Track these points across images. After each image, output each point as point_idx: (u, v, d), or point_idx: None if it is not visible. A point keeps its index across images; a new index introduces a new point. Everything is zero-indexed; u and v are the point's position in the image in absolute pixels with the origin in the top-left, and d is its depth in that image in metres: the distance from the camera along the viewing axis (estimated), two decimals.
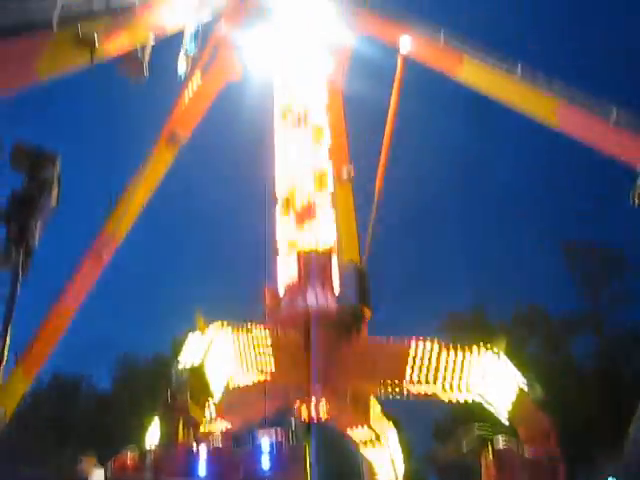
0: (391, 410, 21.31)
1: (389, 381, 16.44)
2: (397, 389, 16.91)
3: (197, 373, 13.95)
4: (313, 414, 16.44)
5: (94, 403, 49.32)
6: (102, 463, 16.77)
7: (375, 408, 18.52)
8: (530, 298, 47.11)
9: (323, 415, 16.65)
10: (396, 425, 31.85)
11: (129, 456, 14.14)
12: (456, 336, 45.46)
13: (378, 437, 18.35)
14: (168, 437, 13.18)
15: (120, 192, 21.97)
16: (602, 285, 44.89)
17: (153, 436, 15.13)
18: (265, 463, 12.15)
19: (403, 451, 40.61)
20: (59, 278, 20.83)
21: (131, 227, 21.36)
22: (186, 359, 14.43)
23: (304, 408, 16.52)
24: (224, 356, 14.66)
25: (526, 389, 15.82)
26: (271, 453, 12.59)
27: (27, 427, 43.77)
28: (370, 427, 18.18)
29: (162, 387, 16.68)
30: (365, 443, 18.60)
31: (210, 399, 14.40)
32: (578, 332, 45.41)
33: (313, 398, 16.35)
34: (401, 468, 18.62)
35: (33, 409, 45.14)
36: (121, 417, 34.34)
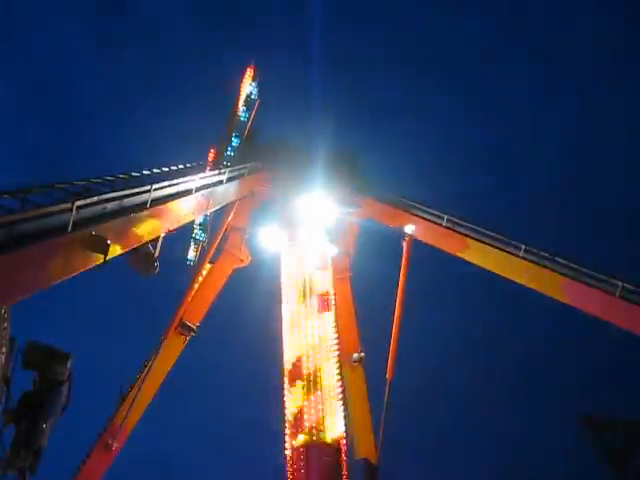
0: None
1: None
2: None
3: None
4: None
5: None
6: None
7: None
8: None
9: None
10: None
11: None
12: None
13: None
14: None
15: (130, 382, 22.05)
16: (626, 459, 43.61)
17: None
18: None
19: None
20: (68, 470, 20.51)
21: (140, 417, 21.24)
22: None
23: None
24: None
25: None
26: None
27: None
28: None
29: None
30: None
31: None
32: None
33: None
34: None
35: None
36: None
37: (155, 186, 14.26)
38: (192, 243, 26.76)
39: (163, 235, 14.67)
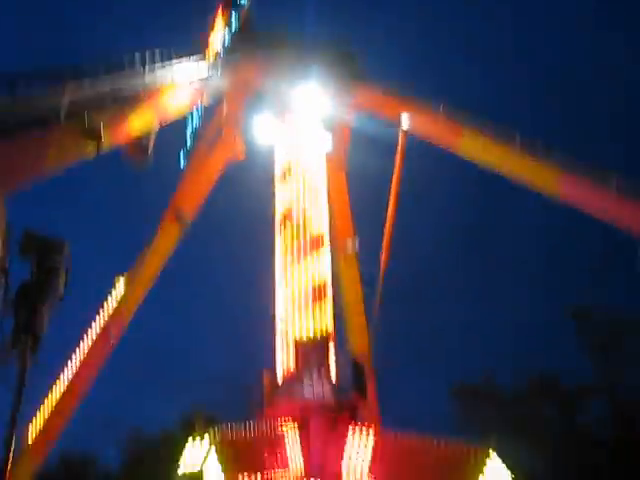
0: None
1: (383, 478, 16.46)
2: None
3: None
4: None
5: None
6: None
7: None
8: (541, 364, 46.97)
9: None
10: None
11: None
12: (466, 404, 45.50)
13: None
14: None
15: (128, 271, 22.23)
16: (613, 349, 44.77)
17: None
18: None
19: None
20: (67, 358, 20.93)
21: (139, 305, 21.53)
22: (185, 467, 14.63)
23: None
24: (221, 461, 14.83)
25: None
26: None
27: None
28: None
29: (170, 464, 16.71)
30: None
31: None
32: (591, 398, 45.14)
33: None
34: None
35: None
36: None
37: (148, 72, 14.00)
38: (184, 150, 26.31)
39: (157, 129, 14.50)
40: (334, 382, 17.19)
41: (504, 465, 16.14)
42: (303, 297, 18.77)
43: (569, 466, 41.01)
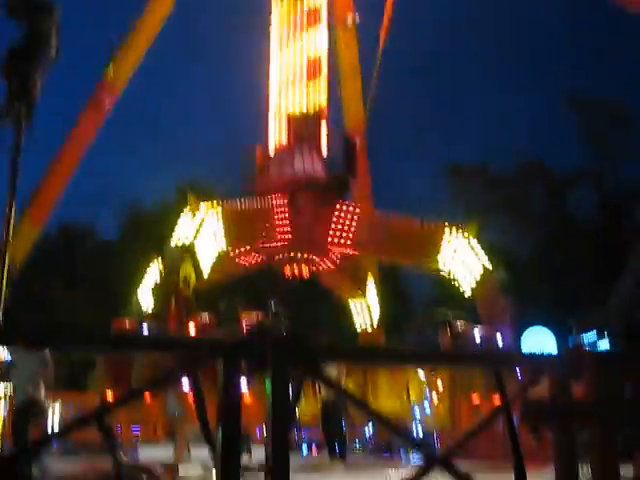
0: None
1: (365, 248, 16.91)
2: (373, 256, 17.47)
3: (188, 254, 14.43)
4: (296, 272, 17.06)
5: (102, 251, 50.43)
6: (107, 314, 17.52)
7: (361, 269, 19.10)
8: (533, 150, 47.31)
9: (305, 274, 17.25)
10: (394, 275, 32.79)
11: (127, 321, 14.91)
12: (458, 186, 46.30)
13: (359, 290, 19.08)
14: (161, 311, 13.82)
15: (120, 38, 21.66)
16: (606, 139, 44.91)
17: (146, 302, 15.85)
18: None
19: (402, 299, 41.80)
20: (62, 128, 20.94)
21: (133, 73, 21.15)
22: (177, 240, 14.88)
23: (287, 267, 17.09)
24: (214, 235, 15.10)
25: (490, 271, 16.39)
26: (251, 332, 13.09)
27: (37, 276, 45.11)
28: (351, 282, 18.87)
29: (166, 233, 17.16)
30: (345, 293, 19.35)
31: (201, 278, 14.97)
32: (579, 186, 45.85)
33: (297, 254, 16.88)
34: (376, 314, 19.48)
35: (42, 259, 46.30)
36: (128, 265, 35.13)
37: None
38: None
39: None
40: (325, 158, 17.25)
41: (478, 244, 16.63)
42: (298, 72, 18.39)
43: (552, 252, 42.41)
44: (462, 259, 16.33)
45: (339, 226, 16.60)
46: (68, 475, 10.07)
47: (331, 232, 16.63)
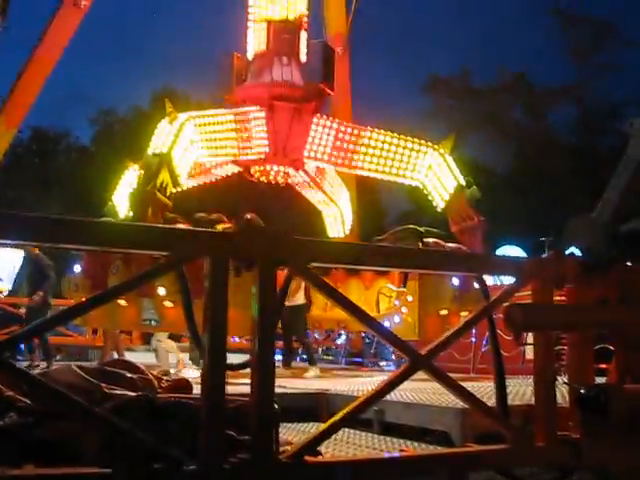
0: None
1: (341, 162, 16.79)
2: (347, 169, 17.36)
3: (165, 161, 14.18)
4: (271, 177, 16.98)
5: (75, 157, 49.91)
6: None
7: (331, 174, 18.98)
8: (515, 64, 46.90)
9: (280, 179, 17.15)
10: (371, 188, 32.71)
11: None
12: (441, 99, 46.02)
13: (332, 200, 19.03)
14: (137, 219, 13.64)
15: None
16: (588, 54, 44.61)
17: (121, 209, 15.73)
18: None
19: (376, 210, 41.83)
20: (38, 26, 20.29)
21: None
22: (155, 147, 14.62)
23: (263, 174, 16.99)
24: (192, 143, 14.89)
25: (464, 187, 16.36)
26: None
27: (10, 182, 44.61)
28: (325, 193, 18.80)
29: (141, 139, 16.92)
30: (319, 203, 19.30)
31: (177, 186, 14.81)
32: (560, 102, 45.74)
33: (273, 166, 16.75)
34: (349, 223, 19.53)
35: (15, 164, 45.74)
36: (102, 171, 34.81)
37: None
38: None
39: None
40: (303, 67, 16.95)
41: (453, 160, 16.60)
42: None
43: (530, 167, 42.56)
44: (436, 174, 16.31)
45: (316, 139, 16.44)
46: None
47: (307, 145, 16.47)
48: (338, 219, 19.35)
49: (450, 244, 14.92)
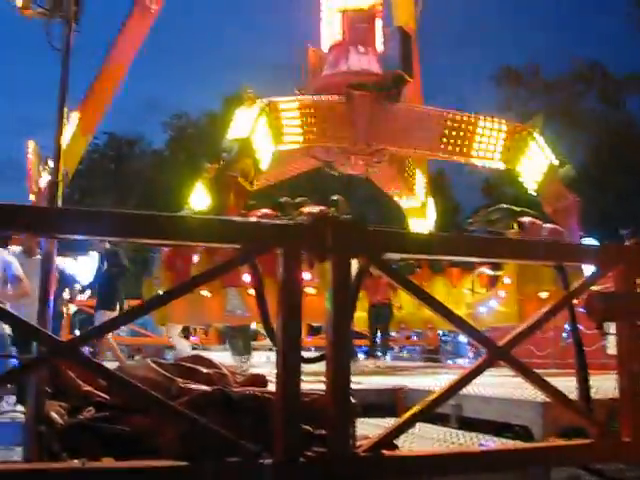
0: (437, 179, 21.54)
1: (424, 148, 16.50)
2: (432, 156, 17.04)
3: (245, 146, 14.05)
4: (356, 169, 16.80)
5: (149, 161, 50.81)
6: None
7: (418, 177, 18.75)
8: (589, 53, 45.72)
9: (362, 171, 16.97)
10: (441, 192, 32.44)
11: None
12: (511, 90, 45.17)
13: (414, 193, 18.77)
14: (217, 207, 13.53)
15: None
16: None
17: (200, 200, 15.66)
18: None
19: (449, 207, 41.43)
20: (109, 34, 20.62)
21: None
22: (234, 133, 14.50)
23: (344, 165, 16.82)
24: (270, 129, 14.73)
25: (557, 166, 15.77)
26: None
27: (88, 186, 45.73)
28: (406, 185, 18.54)
29: (214, 142, 16.97)
30: (400, 195, 19.06)
31: (259, 172, 14.67)
32: (637, 91, 44.32)
33: (352, 157, 16.57)
34: (432, 218, 19.26)
35: (91, 170, 46.87)
36: (176, 174, 35.34)
37: None
38: None
39: None
40: (380, 55, 16.75)
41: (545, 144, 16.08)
42: None
43: (607, 157, 41.39)
44: (527, 155, 15.77)
45: (397, 125, 16.19)
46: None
47: (389, 131, 16.24)
48: (420, 213, 19.15)
49: (547, 225, 14.34)
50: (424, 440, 5.77)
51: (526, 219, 14.10)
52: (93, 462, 3.66)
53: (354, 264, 4.22)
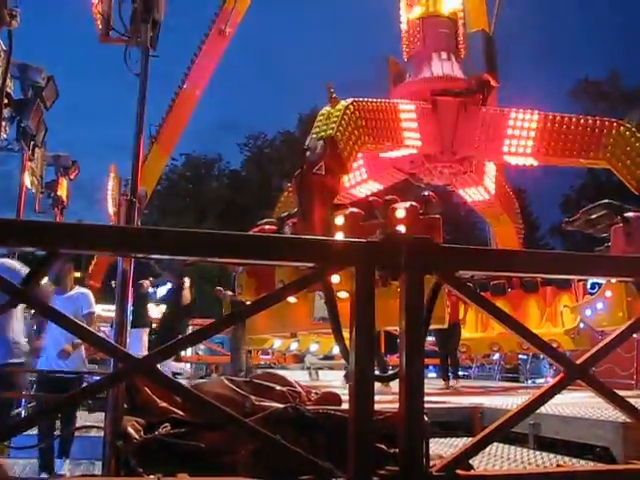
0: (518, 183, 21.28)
1: (515, 151, 16.15)
2: (523, 159, 16.66)
3: (330, 144, 13.90)
4: (442, 179, 16.61)
5: (227, 181, 51.57)
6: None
7: (509, 195, 18.55)
8: None
9: (448, 180, 16.76)
10: (522, 198, 31.96)
11: (267, 226, 14.58)
12: (590, 104, 44.24)
13: (501, 205, 18.48)
14: (304, 208, 13.42)
15: None
16: None
17: (286, 208, 15.60)
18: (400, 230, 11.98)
19: (528, 223, 40.85)
20: (185, 57, 21.10)
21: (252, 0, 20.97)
22: (318, 132, 14.41)
23: (429, 175, 16.65)
24: (355, 129, 14.60)
25: None
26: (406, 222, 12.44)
27: (167, 206, 46.69)
28: (492, 196, 18.26)
29: (290, 162, 17.11)
30: (485, 207, 18.76)
31: (344, 172, 14.56)
32: None
33: (438, 167, 16.38)
34: (519, 231, 18.90)
35: (170, 190, 47.86)
36: (253, 194, 35.76)
37: None
38: None
39: None
40: (463, 59, 16.55)
41: None
42: None
43: None
44: (625, 152, 15.25)
45: (483, 131, 15.95)
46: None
47: (476, 137, 16.01)
48: (507, 226, 18.88)
49: None
50: (500, 460, 5.67)
51: (631, 214, 13.55)
52: (168, 477, 3.71)
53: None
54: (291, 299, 11.78)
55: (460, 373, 16.73)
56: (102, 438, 4.35)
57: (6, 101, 5.37)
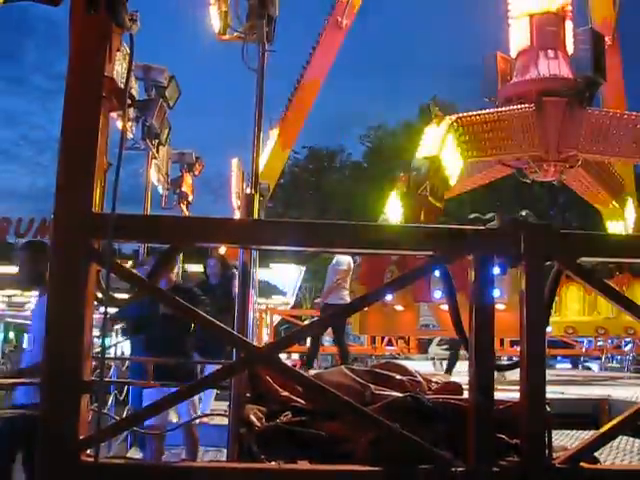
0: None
1: (623, 153, 15.68)
2: (629, 161, 16.16)
3: (434, 164, 14.18)
4: (547, 176, 16.31)
5: (348, 173, 51.77)
6: None
7: (616, 180, 17.86)
8: None
9: (555, 177, 16.43)
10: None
11: None
12: None
13: (613, 199, 17.85)
14: (410, 222, 13.77)
15: None
16: None
17: (395, 210, 15.85)
18: None
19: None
20: (303, 51, 21.31)
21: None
22: (424, 151, 14.67)
23: (536, 174, 16.38)
24: (459, 145, 14.73)
25: None
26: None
27: (290, 199, 47.40)
28: (606, 192, 17.67)
29: (410, 153, 17.12)
30: (599, 202, 18.18)
31: (448, 190, 14.80)
32: None
33: (544, 164, 16.09)
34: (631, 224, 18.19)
35: (293, 183, 48.51)
36: (374, 185, 35.76)
37: None
38: None
39: None
40: (571, 58, 16.17)
41: None
42: None
43: None
44: None
45: (590, 130, 15.61)
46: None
47: (581, 138, 15.70)
48: (618, 214, 18.31)
49: None
50: (623, 453, 5.47)
51: None
52: (289, 464, 3.79)
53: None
54: (399, 307, 12.38)
55: (588, 365, 16.24)
56: (227, 426, 4.47)
57: (130, 102, 5.56)
